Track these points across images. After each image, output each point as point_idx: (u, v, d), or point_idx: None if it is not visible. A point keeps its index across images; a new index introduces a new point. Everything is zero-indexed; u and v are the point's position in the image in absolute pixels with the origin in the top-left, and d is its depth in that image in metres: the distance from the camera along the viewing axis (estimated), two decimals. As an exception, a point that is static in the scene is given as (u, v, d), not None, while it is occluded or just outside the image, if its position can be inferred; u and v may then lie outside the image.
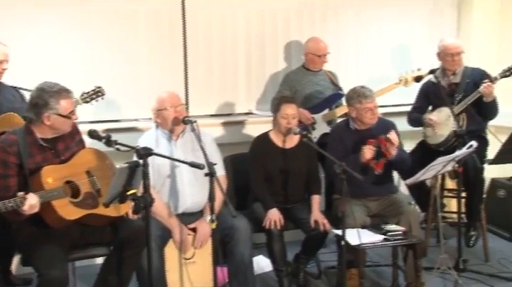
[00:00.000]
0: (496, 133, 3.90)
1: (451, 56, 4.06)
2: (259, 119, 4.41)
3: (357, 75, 4.72)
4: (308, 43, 4.32)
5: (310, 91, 4.21)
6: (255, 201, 3.67)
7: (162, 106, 3.33)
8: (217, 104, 4.53)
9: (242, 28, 4.51)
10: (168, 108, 3.30)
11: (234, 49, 4.51)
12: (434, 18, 4.97)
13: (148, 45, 4.30)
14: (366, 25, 4.81)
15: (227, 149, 4.00)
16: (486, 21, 4.93)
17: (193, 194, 3.34)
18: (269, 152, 3.67)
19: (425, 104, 4.23)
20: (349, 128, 3.71)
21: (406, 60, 4.85)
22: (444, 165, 3.47)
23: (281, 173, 3.65)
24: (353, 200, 3.38)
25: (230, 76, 4.53)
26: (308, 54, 4.29)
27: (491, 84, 3.83)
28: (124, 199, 2.71)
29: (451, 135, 3.88)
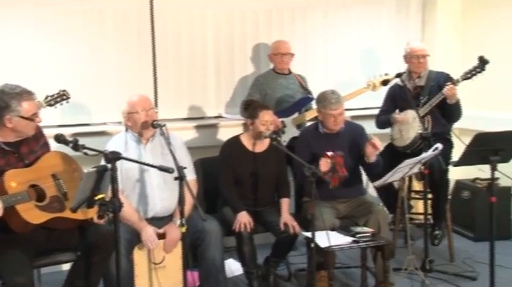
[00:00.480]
0: (460, 136, 3.97)
1: (417, 58, 4.13)
2: (230, 123, 4.40)
3: (325, 79, 4.75)
4: (272, 45, 4.34)
5: (280, 95, 4.22)
6: (225, 204, 3.66)
7: (133, 109, 3.29)
8: (187, 107, 4.50)
9: (211, 30, 4.49)
10: (140, 111, 3.27)
11: (203, 51, 4.48)
12: (399, 21, 5.04)
13: (116, 47, 4.23)
14: (333, 28, 4.84)
15: (198, 153, 3.98)
16: (449, 26, 5.03)
17: (163, 198, 3.31)
18: (240, 155, 3.66)
19: (392, 106, 4.29)
20: (318, 132, 3.73)
21: (373, 63, 4.92)
22: (411, 167, 3.51)
23: (251, 177, 3.64)
24: (322, 203, 3.41)
25: (200, 79, 4.50)
26: (271, 55, 4.31)
27: (453, 86, 3.91)
28: (92, 204, 2.66)
29: (417, 137, 3.94)
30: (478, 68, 3.87)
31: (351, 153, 3.65)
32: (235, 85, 4.60)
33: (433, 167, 3.76)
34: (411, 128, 4.04)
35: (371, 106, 4.68)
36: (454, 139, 4.16)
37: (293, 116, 4.20)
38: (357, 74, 4.83)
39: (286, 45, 4.27)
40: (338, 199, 3.69)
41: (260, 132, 3.57)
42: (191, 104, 4.50)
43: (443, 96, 3.94)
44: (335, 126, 3.63)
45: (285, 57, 4.23)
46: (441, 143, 3.52)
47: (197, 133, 4.39)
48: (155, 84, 4.36)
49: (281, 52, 4.24)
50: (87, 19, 4.14)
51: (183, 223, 2.86)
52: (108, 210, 2.60)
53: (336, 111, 3.58)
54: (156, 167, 2.88)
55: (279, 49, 4.26)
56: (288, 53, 4.25)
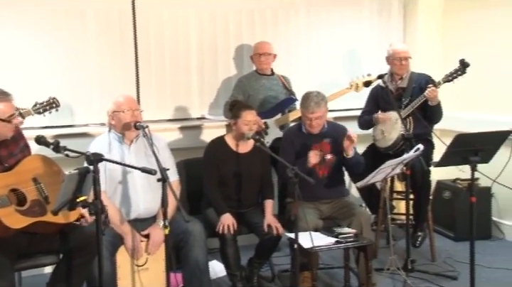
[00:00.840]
0: (441, 137, 4.00)
1: (400, 60, 4.16)
2: (214, 124, 4.39)
3: (308, 79, 4.77)
4: (253, 46, 4.35)
5: (263, 96, 4.22)
6: (208, 206, 3.65)
7: (119, 108, 3.27)
8: (171, 108, 4.48)
9: (194, 31, 4.47)
10: (126, 111, 3.25)
11: (186, 52, 4.46)
12: (381, 23, 5.08)
13: (98, 48, 4.20)
14: (316, 29, 4.86)
15: (182, 154, 3.97)
16: (430, 28, 5.07)
17: (146, 200, 3.30)
18: (224, 156, 3.66)
19: (374, 108, 4.32)
20: (301, 132, 3.74)
21: (356, 64, 4.94)
22: (393, 167, 3.54)
23: (235, 178, 3.64)
24: (305, 203, 3.42)
25: (183, 80, 4.48)
26: (252, 56, 4.31)
27: (435, 88, 3.95)
28: (74, 207, 2.64)
29: (399, 138, 3.97)
30: (459, 71, 3.91)
31: (333, 153, 3.67)
32: (219, 86, 4.59)
33: (415, 168, 3.79)
34: (393, 129, 4.07)
35: (354, 107, 4.70)
36: (435, 140, 4.19)
37: (276, 117, 4.20)
38: (340, 74, 4.85)
39: (266, 46, 4.27)
40: (321, 200, 3.70)
41: (243, 133, 3.57)
42: (174, 105, 4.48)
43: (424, 98, 3.97)
44: (310, 128, 3.65)
45: (263, 57, 4.23)
46: (422, 144, 3.55)
47: (181, 135, 4.37)
48: (137, 85, 4.33)
49: (259, 53, 4.25)
50: (68, 19, 4.09)
51: (167, 224, 2.86)
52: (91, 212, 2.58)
53: (311, 115, 3.59)
54: (139, 168, 2.86)
55: (257, 49, 4.28)
56: (266, 53, 4.24)
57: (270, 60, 4.28)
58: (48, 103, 3.44)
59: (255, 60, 4.30)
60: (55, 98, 3.46)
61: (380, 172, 3.49)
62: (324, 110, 3.63)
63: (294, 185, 3.07)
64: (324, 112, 3.64)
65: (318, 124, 3.63)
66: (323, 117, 3.65)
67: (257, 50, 4.28)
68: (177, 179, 3.45)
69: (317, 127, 3.64)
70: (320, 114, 3.60)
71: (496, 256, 4.22)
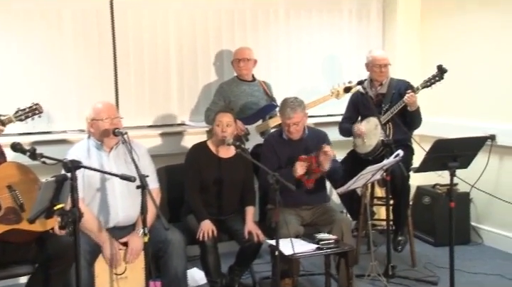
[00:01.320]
0: (420, 142, 4.04)
1: (379, 67, 4.19)
2: (195, 130, 4.37)
3: (288, 86, 4.77)
4: (234, 51, 4.34)
5: (244, 102, 4.21)
6: (189, 213, 3.63)
7: (98, 116, 3.23)
8: (151, 114, 4.43)
9: (173, 33, 4.42)
10: (104, 119, 3.22)
11: (165, 57, 4.42)
12: (361, 29, 5.11)
13: (76, 52, 4.14)
14: (296, 35, 4.87)
15: (163, 160, 3.95)
16: (409, 34, 5.11)
17: (125, 207, 3.26)
18: (206, 161, 3.64)
19: (354, 114, 4.34)
20: (282, 139, 3.74)
21: (336, 70, 4.97)
22: (373, 173, 3.55)
23: (216, 184, 3.62)
24: (286, 210, 3.41)
25: (163, 86, 4.45)
26: (232, 62, 4.31)
27: (413, 94, 3.98)
28: (51, 215, 2.59)
29: (379, 144, 3.99)
30: (437, 77, 3.95)
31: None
32: (199, 92, 4.57)
33: (394, 173, 3.81)
34: (373, 135, 4.09)
35: (334, 113, 4.72)
36: (414, 146, 4.23)
37: (257, 124, 4.19)
38: (320, 80, 4.87)
39: (246, 51, 4.26)
40: (302, 207, 3.70)
41: (223, 138, 3.56)
42: (154, 111, 4.44)
43: (404, 103, 4.00)
44: (289, 134, 3.65)
45: (242, 62, 4.22)
46: (402, 150, 3.57)
47: (162, 141, 4.34)
48: (116, 89, 4.28)
49: (238, 58, 4.24)
50: (43, 20, 4.01)
51: (146, 232, 2.82)
52: (68, 220, 2.54)
53: (289, 121, 3.60)
54: (118, 175, 2.83)
55: (237, 55, 4.27)
56: (245, 59, 4.23)
57: (250, 65, 4.27)
58: (31, 109, 3.34)
59: (235, 66, 4.29)
60: (38, 104, 3.38)
61: (361, 179, 3.50)
62: (302, 115, 3.63)
63: (274, 192, 3.06)
64: (302, 117, 3.64)
65: (296, 130, 3.63)
66: (302, 122, 3.65)
67: (236, 56, 4.27)
68: (157, 187, 3.42)
69: (296, 133, 3.64)
70: (297, 119, 3.60)
71: (474, 260, 4.26)
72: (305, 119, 3.70)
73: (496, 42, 4.44)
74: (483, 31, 4.55)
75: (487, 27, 4.51)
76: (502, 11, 4.39)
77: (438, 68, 3.95)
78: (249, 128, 4.14)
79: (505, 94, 4.39)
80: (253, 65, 4.30)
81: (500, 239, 4.49)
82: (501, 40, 4.40)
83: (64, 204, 2.58)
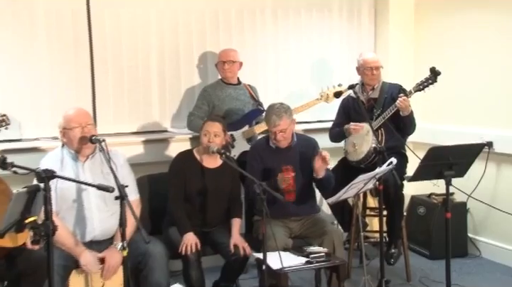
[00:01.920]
0: (414, 150, 4.07)
1: (371, 70, 4.23)
2: (180, 137, 4.37)
3: (276, 89, 4.78)
4: (218, 53, 4.36)
5: (229, 107, 4.22)
6: (171, 225, 3.62)
7: (68, 125, 3.22)
8: (131, 121, 4.42)
9: (154, 35, 4.42)
10: (75, 128, 3.20)
11: (146, 60, 4.42)
12: (351, 31, 5.15)
13: (50, 54, 4.11)
14: (284, 38, 4.89)
15: (145, 169, 3.95)
16: (402, 36, 5.16)
17: (102, 220, 3.25)
18: (191, 170, 3.64)
19: (345, 119, 4.36)
20: (269, 146, 3.75)
21: (325, 73, 4.99)
22: (366, 182, 3.57)
23: (200, 194, 3.62)
24: (274, 221, 3.40)
25: (143, 91, 4.44)
26: (217, 64, 4.32)
27: (406, 98, 4.01)
28: (22, 228, 2.57)
29: (370, 151, 4.01)
30: (430, 79, 3.99)
31: (303, 167, 3.68)
32: (181, 97, 4.57)
33: (387, 182, 3.83)
34: (365, 141, 4.12)
35: (324, 119, 4.75)
36: (408, 153, 4.26)
37: (243, 129, 4.20)
38: (309, 84, 4.89)
39: (230, 53, 4.28)
40: (290, 218, 3.70)
41: (205, 145, 3.56)
42: (135, 117, 4.43)
43: (396, 108, 4.04)
44: (276, 142, 3.67)
45: (227, 64, 4.23)
46: (395, 158, 3.59)
47: (143, 149, 4.33)
48: (93, 95, 4.27)
49: (223, 60, 4.25)
50: (14, 20, 3.98)
51: (125, 246, 2.81)
52: (41, 234, 2.51)
53: (275, 128, 3.61)
54: (95, 186, 2.83)
55: (221, 57, 4.28)
56: (230, 61, 4.24)
57: (235, 68, 4.28)
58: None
59: (219, 68, 4.30)
60: (6, 115, 3.34)
61: (352, 188, 3.51)
62: (289, 122, 3.65)
63: (261, 202, 3.07)
64: (289, 124, 3.65)
65: (283, 137, 3.64)
66: (289, 129, 3.66)
67: (221, 58, 4.28)
68: (137, 198, 3.41)
69: (283, 141, 3.65)
70: (284, 126, 3.61)
71: (472, 274, 4.28)
72: (293, 126, 3.71)
73: (494, 43, 4.47)
74: (480, 32, 4.58)
75: (484, 28, 4.54)
76: (500, 11, 4.42)
77: (431, 70, 3.99)
78: (235, 135, 4.15)
79: (503, 98, 4.43)
80: (238, 67, 4.31)
81: (499, 251, 4.52)
82: (499, 41, 4.43)
83: (36, 217, 2.56)
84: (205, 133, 3.60)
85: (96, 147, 3.21)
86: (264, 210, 3.05)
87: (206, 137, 3.59)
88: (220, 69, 4.30)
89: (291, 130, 3.69)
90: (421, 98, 4.15)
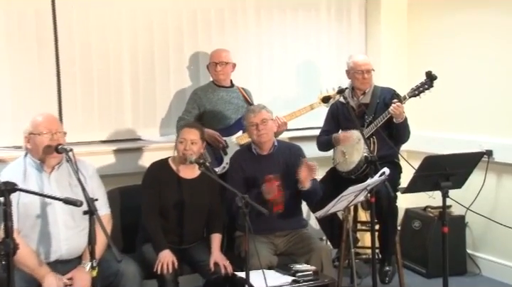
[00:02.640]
0: (408, 159, 4.10)
1: (361, 74, 4.25)
2: (154, 146, 4.37)
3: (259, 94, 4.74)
4: (210, 54, 4.37)
5: (221, 111, 4.24)
6: (145, 242, 3.60)
7: (36, 129, 3.20)
8: (101, 128, 4.40)
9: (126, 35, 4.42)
10: (44, 133, 3.19)
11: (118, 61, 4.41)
12: (341, 32, 5.19)
13: (10, 56, 4.08)
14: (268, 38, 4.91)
15: (116, 181, 3.93)
16: (394, 37, 5.21)
17: (69, 237, 3.23)
18: (167, 181, 3.63)
19: (334, 126, 4.39)
20: (251, 153, 3.77)
21: (313, 78, 5.02)
22: (356, 194, 3.57)
23: (177, 208, 3.61)
24: (257, 237, 3.41)
25: (115, 96, 4.43)
26: (208, 65, 4.33)
27: (400, 104, 4.04)
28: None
29: (362, 161, 4.03)
30: (426, 84, 4.02)
31: (287, 176, 3.70)
32: (156, 102, 4.56)
33: (380, 194, 3.85)
34: (355, 150, 4.14)
35: (311, 125, 4.77)
36: (402, 163, 4.28)
37: (236, 135, 4.21)
38: (294, 89, 4.92)
39: (223, 54, 4.29)
40: (275, 233, 3.71)
41: (184, 156, 3.55)
42: (106, 124, 4.42)
43: (389, 115, 4.07)
44: (259, 138, 3.71)
45: (219, 66, 4.25)
46: (388, 168, 3.61)
47: (114, 159, 4.32)
48: (59, 100, 4.24)
49: (215, 62, 4.27)
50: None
51: (94, 265, 2.79)
52: (0, 253, 2.49)
53: (255, 118, 3.68)
54: (61, 199, 2.81)
55: (212, 57, 4.31)
56: (223, 62, 4.26)
57: (228, 69, 4.31)
58: None
59: (211, 70, 4.31)
60: None
61: (342, 200, 3.52)
62: (269, 115, 3.74)
63: (244, 216, 3.07)
64: (270, 117, 3.73)
65: (266, 129, 3.69)
66: (270, 124, 3.73)
67: (213, 59, 4.29)
68: (108, 212, 3.41)
69: (266, 136, 3.70)
70: (264, 115, 3.70)
71: (471, 293, 4.32)
72: (274, 125, 3.78)
73: (494, 45, 4.50)
74: (479, 34, 4.60)
75: (484, 29, 4.56)
76: (501, 11, 4.43)
77: (427, 75, 4.03)
78: (228, 141, 4.16)
79: (503, 104, 4.46)
80: (232, 69, 4.34)
81: (499, 268, 4.54)
82: (499, 44, 4.46)
83: (-5, 235, 2.54)
84: (182, 141, 3.59)
85: (63, 157, 3.20)
86: (246, 225, 3.05)
87: (182, 145, 3.58)
88: (211, 71, 4.32)
89: (272, 127, 3.75)
90: (415, 103, 4.18)
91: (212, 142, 4.12)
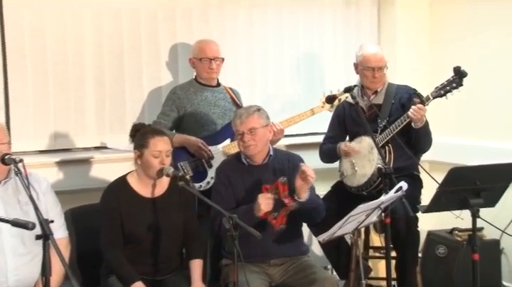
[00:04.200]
0: (430, 171, 4.09)
1: (372, 71, 4.24)
2: (116, 157, 4.36)
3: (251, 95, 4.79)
4: (194, 45, 4.37)
5: (205, 114, 4.25)
6: (111, 273, 3.59)
7: None
8: (53, 135, 4.40)
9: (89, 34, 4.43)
10: None
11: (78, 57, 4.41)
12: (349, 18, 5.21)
13: None
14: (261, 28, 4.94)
15: (69, 199, 3.92)
16: (414, 24, 5.22)
17: (19, 267, 3.23)
18: (130, 204, 3.61)
19: (340, 132, 4.40)
20: (241, 164, 3.76)
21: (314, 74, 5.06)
22: (368, 214, 3.58)
23: (146, 233, 3.59)
24: (248, 266, 3.40)
25: (74, 98, 4.43)
26: (193, 59, 4.33)
27: (421, 106, 4.04)
28: None
29: (374, 174, 4.04)
30: (454, 82, 4.01)
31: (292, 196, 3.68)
32: (126, 103, 4.57)
33: (396, 214, 3.85)
34: (367, 161, 4.15)
35: (312, 131, 4.79)
36: (423, 175, 4.28)
37: (223, 144, 4.22)
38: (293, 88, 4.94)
39: (213, 47, 4.30)
40: (270, 261, 3.70)
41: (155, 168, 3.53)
42: (62, 129, 4.42)
43: (408, 119, 4.06)
44: (243, 149, 3.69)
45: (214, 62, 4.26)
46: (406, 182, 3.61)
47: (72, 172, 4.32)
48: (6, 104, 4.25)
49: (206, 57, 4.27)
50: None
51: (49, 301, 2.78)
52: None
53: (241, 126, 3.64)
54: (9, 221, 2.80)
55: (202, 51, 4.28)
56: (217, 57, 4.28)
57: (220, 67, 4.33)
58: None
59: (200, 67, 4.31)
60: None
61: (351, 221, 3.52)
62: (260, 122, 3.67)
63: (232, 241, 3.06)
64: (261, 125, 3.67)
65: (253, 141, 3.64)
66: (261, 133, 3.68)
67: (203, 53, 4.28)
68: (65, 236, 3.42)
69: (252, 146, 3.66)
70: (253, 123, 3.64)
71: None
72: (267, 132, 3.74)
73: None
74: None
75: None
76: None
77: (455, 71, 4.02)
78: (213, 150, 4.17)
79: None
80: (220, 64, 4.35)
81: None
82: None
83: None
84: (155, 155, 3.56)
85: (10, 170, 3.20)
86: (235, 251, 3.04)
87: (157, 159, 3.56)
88: (200, 68, 4.31)
89: (264, 136, 3.71)
90: (436, 105, 4.18)
91: (194, 151, 4.12)
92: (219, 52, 4.30)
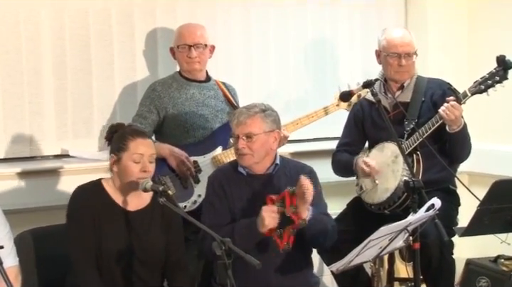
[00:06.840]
0: (469, 185, 4.11)
1: (398, 58, 4.25)
2: (83, 167, 4.38)
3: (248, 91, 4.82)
4: (175, 32, 4.39)
5: (192, 116, 4.27)
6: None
7: None
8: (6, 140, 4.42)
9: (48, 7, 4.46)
10: None
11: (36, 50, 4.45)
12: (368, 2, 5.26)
13: None
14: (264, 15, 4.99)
15: (27, 219, 3.96)
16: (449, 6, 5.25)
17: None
18: (106, 215, 3.60)
19: (359, 137, 4.42)
20: (238, 174, 3.77)
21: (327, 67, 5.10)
22: (392, 238, 3.58)
23: (123, 255, 3.58)
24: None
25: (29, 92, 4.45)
26: (174, 49, 4.35)
27: (456, 104, 4.04)
28: None
29: (400, 188, 4.04)
30: (498, 75, 4.03)
31: None
32: (93, 102, 4.59)
33: (427, 238, 3.85)
34: (390, 172, 4.16)
35: (323, 135, 4.81)
36: (460, 191, 4.30)
37: (213, 153, 4.24)
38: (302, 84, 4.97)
39: (196, 31, 4.32)
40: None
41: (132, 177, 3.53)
42: (14, 134, 4.43)
43: (441, 120, 4.07)
44: (238, 158, 3.70)
45: (194, 50, 4.26)
46: (439, 198, 3.61)
47: (26, 186, 4.33)
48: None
49: (186, 43, 4.28)
50: None
51: None
52: None
53: (238, 130, 3.64)
54: None
55: (181, 37, 4.31)
56: (199, 44, 4.27)
57: (206, 55, 4.34)
58: None
59: (179, 56, 4.33)
60: None
61: (371, 247, 3.52)
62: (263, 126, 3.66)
63: (224, 270, 3.05)
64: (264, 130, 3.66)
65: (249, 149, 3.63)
66: (261, 140, 3.67)
67: (182, 39, 4.30)
68: (15, 264, 3.41)
69: (247, 155, 3.66)
70: (252, 128, 3.63)
71: None
72: (271, 139, 3.72)
73: None
74: None
75: None
76: None
77: (499, 61, 4.03)
78: (201, 162, 4.19)
79: None
80: (209, 54, 4.37)
81: None
82: None
83: None
84: (136, 159, 3.55)
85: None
86: (229, 283, 3.03)
87: (139, 165, 3.54)
88: (180, 58, 4.34)
89: (265, 144, 3.69)
90: (476, 103, 4.18)
91: (175, 166, 4.12)
92: (203, 38, 4.30)
